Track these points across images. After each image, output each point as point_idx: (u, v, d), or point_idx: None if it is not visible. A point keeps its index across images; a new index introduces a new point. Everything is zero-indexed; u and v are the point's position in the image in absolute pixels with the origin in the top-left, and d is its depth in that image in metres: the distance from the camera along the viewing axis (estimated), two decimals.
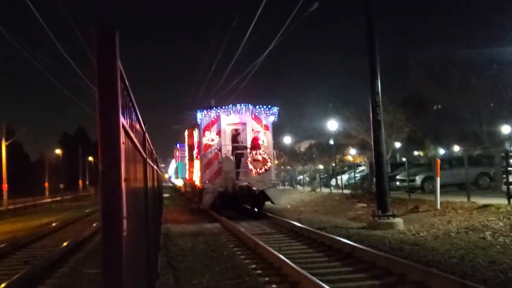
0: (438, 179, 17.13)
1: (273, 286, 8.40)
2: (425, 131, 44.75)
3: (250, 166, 20.71)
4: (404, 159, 48.65)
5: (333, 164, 45.12)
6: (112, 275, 1.96)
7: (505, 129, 34.64)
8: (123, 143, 2.22)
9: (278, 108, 22.29)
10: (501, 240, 11.35)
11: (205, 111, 22.27)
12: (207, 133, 21.85)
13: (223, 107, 22.35)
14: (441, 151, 53.21)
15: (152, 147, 7.47)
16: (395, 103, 38.45)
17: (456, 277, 7.54)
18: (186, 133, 31.04)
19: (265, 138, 21.67)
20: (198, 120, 22.43)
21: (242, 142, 21.70)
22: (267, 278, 8.84)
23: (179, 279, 9.03)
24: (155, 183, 9.31)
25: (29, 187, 64.08)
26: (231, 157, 21.30)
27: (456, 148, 52.29)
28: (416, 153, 59.86)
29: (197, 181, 24.73)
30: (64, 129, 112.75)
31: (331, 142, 58.74)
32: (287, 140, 68.79)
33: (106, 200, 1.98)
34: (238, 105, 22.00)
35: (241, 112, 21.88)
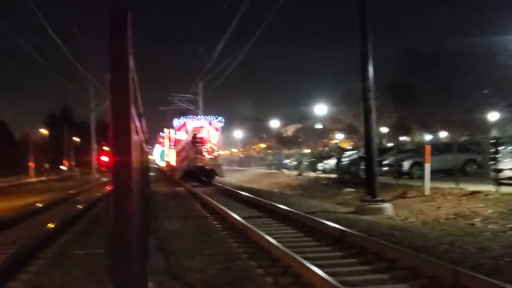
0: (428, 165, 17.19)
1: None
2: (413, 117, 44.90)
3: (204, 153, 33.14)
4: (390, 145, 48.88)
5: (320, 148, 45.21)
6: (121, 259, 1.89)
7: (492, 116, 34.86)
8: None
9: (223, 118, 35.57)
10: (490, 227, 11.43)
11: (177, 119, 35.54)
12: (178, 132, 34.34)
13: (189, 116, 36.29)
14: (428, 137, 53.50)
15: (145, 130, 7.37)
16: (383, 88, 38.47)
17: (447, 263, 7.58)
18: (166, 130, 44.67)
19: (215, 136, 34.12)
20: (174, 124, 35.60)
21: (200, 139, 33.34)
22: (258, 262, 8.83)
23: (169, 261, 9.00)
24: (146, 164, 9.23)
25: (13, 166, 63.45)
26: (193, 148, 33.18)
27: (442, 134, 52.59)
28: (402, 138, 60.14)
29: (172, 163, 37.64)
30: (50, 109, 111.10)
31: (319, 126, 58.85)
32: (274, 124, 68.81)
33: (117, 187, 1.91)
34: (198, 116, 37.52)
35: (201, 119, 35.12)
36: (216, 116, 35.26)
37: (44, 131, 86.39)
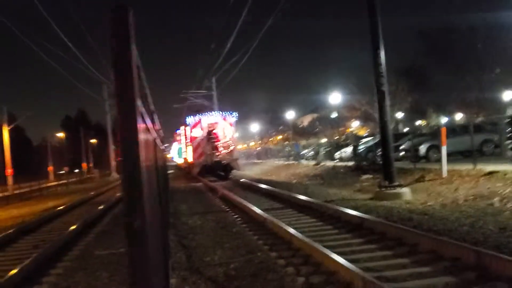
0: (444, 147, 17.06)
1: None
2: (427, 100, 44.46)
3: (220, 149, 34.07)
4: (406, 129, 48.51)
5: (337, 137, 45.10)
6: (137, 259, 1.92)
7: (506, 95, 34.44)
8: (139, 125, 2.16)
9: (238, 112, 37.12)
10: (509, 206, 11.33)
11: (191, 116, 35.92)
12: (193, 129, 34.97)
13: (203, 113, 36.08)
14: (444, 120, 53.01)
15: (159, 127, 7.42)
16: (397, 72, 38.15)
17: (469, 245, 7.54)
18: (182, 128, 44.57)
19: (230, 131, 34.91)
20: (188, 122, 35.94)
21: (215, 135, 34.26)
22: (278, 253, 8.85)
23: (191, 257, 9.06)
24: (162, 162, 9.29)
25: (32, 171, 64.18)
26: (209, 144, 34.06)
27: (458, 116, 52.06)
28: (418, 122, 59.68)
29: (189, 159, 38.31)
30: (66, 112, 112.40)
31: (334, 115, 58.59)
32: (290, 115, 68.60)
33: (127, 187, 1.93)
34: (212, 112, 37.67)
35: (215, 116, 35.74)
36: (230, 112, 36.21)
37: (61, 134, 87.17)
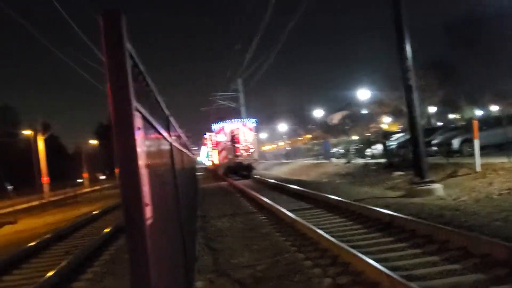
0: (477, 141, 16.67)
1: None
2: (459, 93, 43.59)
3: (241, 151, 38.28)
4: (440, 123, 47.68)
5: (368, 134, 44.57)
6: (138, 268, 1.89)
7: None
8: (138, 128, 2.12)
9: (256, 119, 41.44)
10: None
11: (216, 124, 40.17)
12: (218, 135, 39.63)
13: (226, 121, 39.97)
14: (478, 112, 51.90)
15: (178, 131, 7.40)
16: (425, 67, 37.50)
17: (500, 240, 7.31)
18: (208, 133, 50.05)
19: (250, 136, 39.04)
20: (213, 128, 40.84)
21: (236, 139, 38.27)
22: (306, 254, 8.77)
23: (217, 258, 9.05)
24: (186, 166, 9.29)
25: (68, 178, 65.36)
26: (231, 147, 38.24)
27: (493, 108, 50.87)
28: (451, 116, 58.58)
29: (215, 161, 43.25)
30: (99, 120, 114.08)
31: (365, 111, 57.96)
32: (318, 113, 68.09)
33: (125, 189, 1.90)
34: (234, 119, 40.72)
35: (236, 122, 39.80)
36: (250, 118, 41.71)
37: (94, 141, 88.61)
